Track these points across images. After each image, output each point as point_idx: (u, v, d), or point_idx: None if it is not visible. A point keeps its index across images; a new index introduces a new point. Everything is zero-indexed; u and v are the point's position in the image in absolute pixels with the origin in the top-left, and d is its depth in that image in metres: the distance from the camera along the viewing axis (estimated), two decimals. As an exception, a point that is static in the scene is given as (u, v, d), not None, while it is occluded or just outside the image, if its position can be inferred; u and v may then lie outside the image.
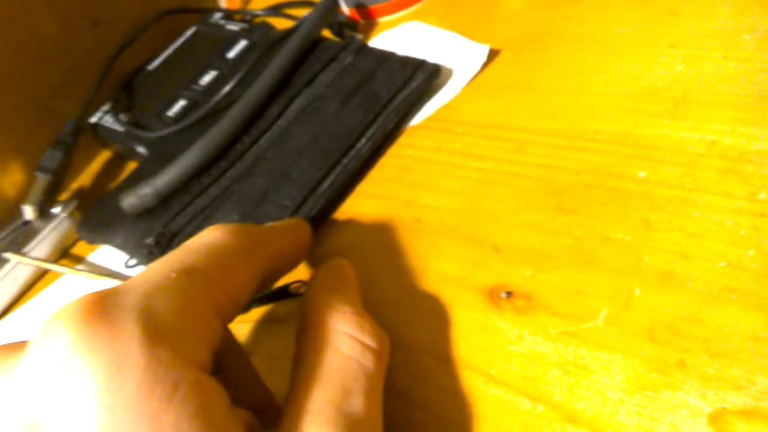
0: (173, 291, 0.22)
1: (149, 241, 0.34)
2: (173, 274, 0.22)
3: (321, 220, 0.36)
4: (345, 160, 0.36)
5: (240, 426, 0.21)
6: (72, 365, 0.19)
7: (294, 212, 0.34)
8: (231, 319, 0.24)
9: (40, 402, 0.19)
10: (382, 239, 0.34)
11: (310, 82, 0.41)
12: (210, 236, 0.25)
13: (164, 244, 0.34)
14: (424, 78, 0.39)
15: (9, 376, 0.20)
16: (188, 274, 0.22)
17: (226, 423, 0.20)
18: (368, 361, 0.24)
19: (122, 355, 0.19)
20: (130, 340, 0.19)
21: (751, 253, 0.26)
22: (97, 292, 0.21)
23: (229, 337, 0.27)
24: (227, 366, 0.26)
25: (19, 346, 0.22)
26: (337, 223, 0.36)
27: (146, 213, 0.37)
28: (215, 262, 0.24)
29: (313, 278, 0.28)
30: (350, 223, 0.36)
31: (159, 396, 0.19)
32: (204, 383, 0.20)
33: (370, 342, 0.24)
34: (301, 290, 0.32)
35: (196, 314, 0.22)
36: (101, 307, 0.20)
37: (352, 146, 0.36)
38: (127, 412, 0.18)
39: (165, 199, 0.37)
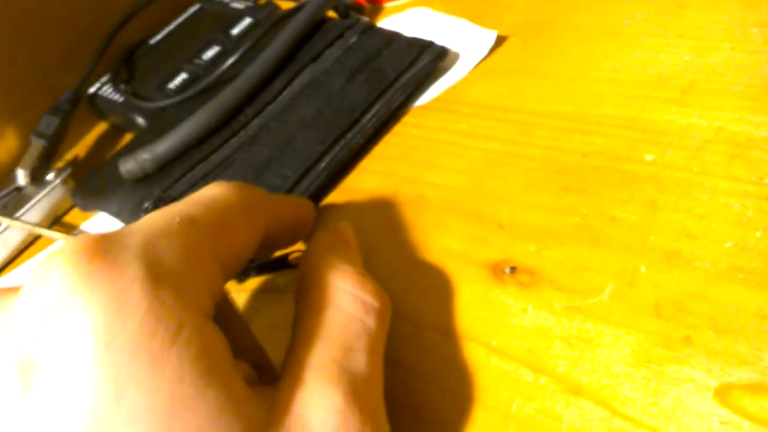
0: (176, 236, 0.21)
1: (147, 205, 0.34)
2: (176, 220, 0.22)
3: (323, 193, 0.35)
4: (349, 135, 0.36)
5: (240, 376, 0.20)
6: (71, 302, 0.18)
7: (296, 183, 0.34)
8: (232, 273, 0.24)
9: (36, 339, 0.19)
10: (385, 214, 0.34)
11: (315, 58, 0.40)
12: (212, 191, 0.25)
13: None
14: (430, 58, 0.38)
15: (3, 313, 0.20)
16: (191, 222, 0.22)
17: (228, 369, 0.20)
18: (370, 320, 0.24)
19: (124, 294, 0.19)
20: (133, 281, 0.19)
21: (758, 234, 0.26)
22: (98, 233, 0.20)
23: (225, 296, 0.26)
24: (223, 325, 0.25)
25: (14, 288, 0.21)
26: (340, 198, 0.36)
27: (144, 180, 0.36)
28: (217, 214, 0.23)
29: (313, 240, 0.27)
30: (354, 199, 0.35)
31: (161, 338, 0.18)
32: (207, 329, 0.20)
33: (372, 301, 0.24)
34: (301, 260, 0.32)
35: (199, 260, 0.21)
36: (103, 246, 0.20)
37: (356, 121, 0.36)
38: (128, 352, 0.18)
39: (164, 167, 0.36)
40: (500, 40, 0.41)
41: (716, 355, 0.24)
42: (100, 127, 0.49)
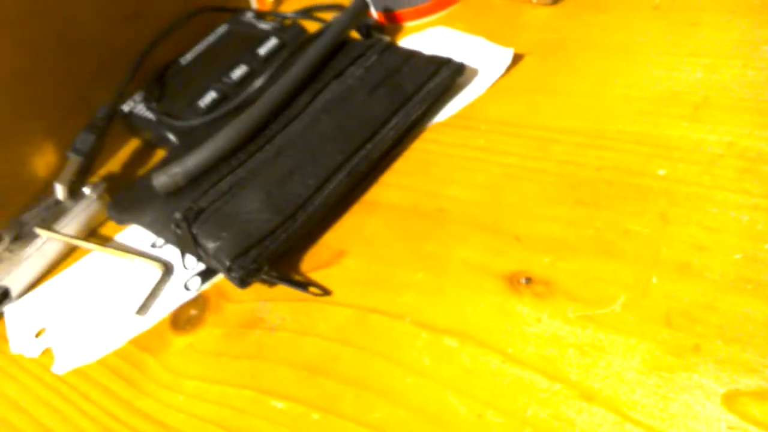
0: None
1: (177, 215, 0.35)
2: None
3: (343, 201, 0.37)
4: (369, 146, 0.37)
5: None
6: None
7: (317, 190, 0.36)
8: None
9: None
10: (406, 227, 0.35)
11: (338, 76, 0.42)
12: None
13: (192, 218, 0.35)
14: (449, 74, 0.40)
15: None
16: None
17: None
18: None
19: None
20: None
21: (766, 246, 0.27)
22: None
23: None
24: None
25: None
26: (362, 211, 0.37)
27: (175, 193, 0.38)
28: None
29: None
30: (375, 212, 0.37)
31: None
32: None
33: None
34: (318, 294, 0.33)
35: None
36: None
37: (376, 133, 0.38)
38: None
39: (194, 180, 0.38)
40: (517, 58, 0.42)
41: (724, 363, 0.24)
42: (133, 143, 0.51)
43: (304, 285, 0.34)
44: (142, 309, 0.37)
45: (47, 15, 0.46)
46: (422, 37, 0.48)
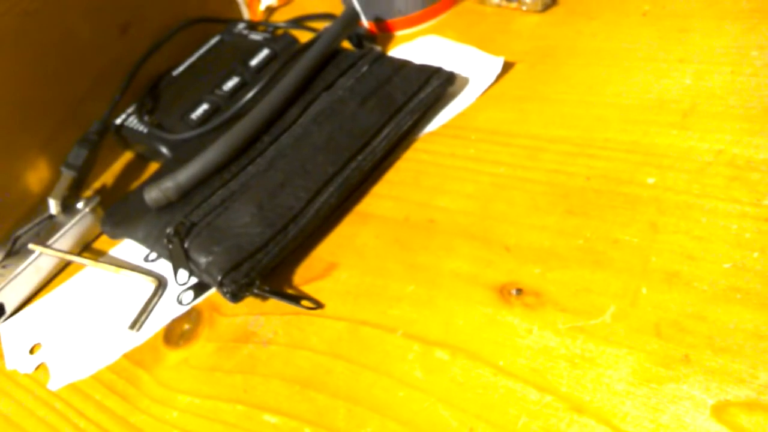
0: None
1: (169, 230, 0.35)
2: None
3: (335, 212, 0.37)
4: (360, 157, 0.38)
5: None
6: None
7: (309, 202, 0.36)
8: None
9: None
10: (397, 238, 0.35)
11: (328, 87, 0.42)
12: None
13: (183, 233, 0.35)
14: (439, 83, 0.40)
15: None
16: None
17: None
18: None
19: None
20: None
21: (755, 255, 0.27)
22: None
23: None
24: None
25: None
26: (354, 222, 0.37)
27: (168, 208, 0.38)
28: None
29: None
30: (367, 223, 0.37)
31: None
32: None
33: None
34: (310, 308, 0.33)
35: None
36: None
37: (367, 144, 0.38)
38: None
39: (186, 194, 0.38)
40: (507, 67, 0.42)
41: (713, 374, 0.24)
42: (126, 156, 0.51)
43: (296, 298, 0.34)
44: (136, 324, 0.37)
45: (43, 30, 0.46)
46: (413, 46, 0.48)
